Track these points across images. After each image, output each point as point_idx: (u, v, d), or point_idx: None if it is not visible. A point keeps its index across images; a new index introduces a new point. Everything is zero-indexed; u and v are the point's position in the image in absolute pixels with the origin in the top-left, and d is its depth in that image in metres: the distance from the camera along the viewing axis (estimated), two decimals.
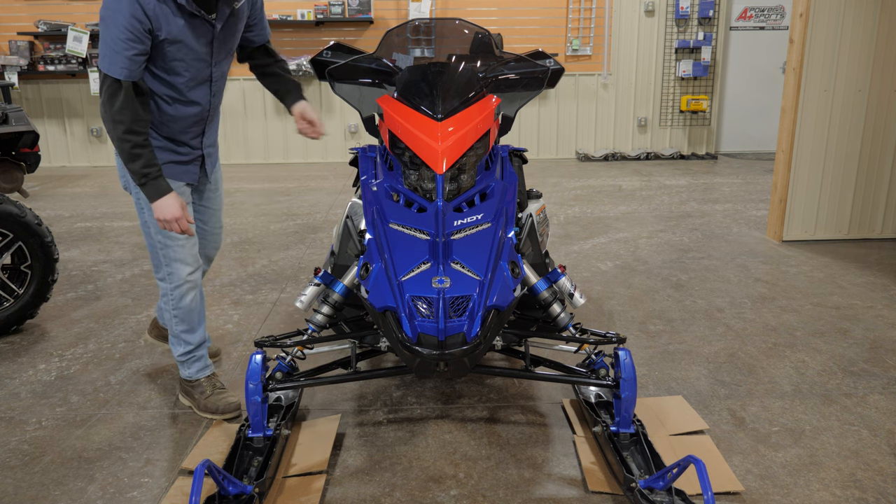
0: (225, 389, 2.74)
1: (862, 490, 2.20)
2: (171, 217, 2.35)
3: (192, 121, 2.50)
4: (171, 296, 2.60)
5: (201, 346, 2.73)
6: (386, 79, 2.76)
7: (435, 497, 2.19)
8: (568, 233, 5.36)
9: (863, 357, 3.15)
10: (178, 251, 2.54)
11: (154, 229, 2.52)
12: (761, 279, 4.22)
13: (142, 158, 2.29)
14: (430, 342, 2.01)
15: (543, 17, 8.63)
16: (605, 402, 2.58)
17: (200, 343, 2.72)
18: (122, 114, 2.24)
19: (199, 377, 2.73)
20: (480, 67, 2.69)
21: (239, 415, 2.67)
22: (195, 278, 2.61)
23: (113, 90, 2.23)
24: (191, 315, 2.64)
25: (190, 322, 2.65)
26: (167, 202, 2.34)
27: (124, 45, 2.18)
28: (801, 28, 4.62)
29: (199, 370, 2.73)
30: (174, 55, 2.31)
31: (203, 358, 2.74)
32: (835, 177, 4.89)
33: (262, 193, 6.94)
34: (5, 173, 3.76)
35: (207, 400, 2.69)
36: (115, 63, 2.20)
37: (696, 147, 9.12)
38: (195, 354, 2.72)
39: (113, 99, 2.23)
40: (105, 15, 2.19)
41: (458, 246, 2.17)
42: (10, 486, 2.28)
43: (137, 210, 2.56)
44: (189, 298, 2.61)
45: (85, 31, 8.06)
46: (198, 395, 2.71)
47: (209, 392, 2.70)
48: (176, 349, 2.71)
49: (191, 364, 2.72)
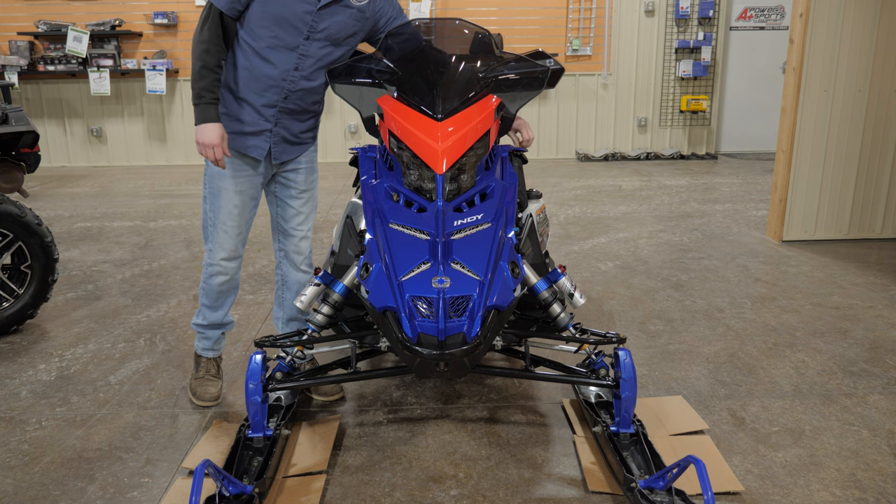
0: (215, 379, 2.81)
1: (862, 490, 2.20)
2: (207, 142, 2.41)
3: (266, 83, 2.49)
4: (205, 271, 2.69)
5: (216, 328, 2.79)
6: (386, 79, 2.75)
7: (435, 497, 2.19)
8: (568, 233, 5.36)
9: (863, 357, 3.15)
10: (220, 233, 2.61)
11: (209, 205, 2.61)
12: (761, 279, 4.22)
13: (205, 80, 2.41)
14: (430, 342, 2.01)
15: (543, 17, 8.63)
16: (605, 402, 2.58)
17: (217, 324, 2.78)
18: (204, 34, 2.40)
19: (203, 355, 2.83)
20: (480, 67, 2.69)
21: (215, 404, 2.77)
22: (228, 266, 2.65)
23: (206, 14, 2.40)
24: (216, 296, 2.72)
25: (213, 301, 2.73)
26: (209, 128, 2.41)
27: None
28: (801, 28, 4.62)
29: (203, 348, 2.82)
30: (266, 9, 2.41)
31: (211, 339, 2.81)
32: (835, 177, 4.89)
33: None
34: (5, 173, 3.75)
35: (195, 381, 2.81)
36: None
37: (696, 147, 9.13)
38: (207, 332, 2.80)
39: (205, 22, 2.40)
40: None
41: (458, 246, 2.17)
42: (10, 486, 2.28)
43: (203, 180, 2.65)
44: (217, 281, 2.67)
45: (85, 31, 8.06)
46: (193, 373, 2.85)
47: (201, 374, 2.81)
48: (196, 317, 2.81)
49: (200, 338, 2.83)
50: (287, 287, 2.82)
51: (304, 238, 2.78)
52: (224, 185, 2.57)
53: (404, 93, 2.53)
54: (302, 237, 2.77)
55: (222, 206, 2.59)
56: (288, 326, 2.88)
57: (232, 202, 2.59)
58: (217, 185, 2.58)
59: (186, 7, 8.43)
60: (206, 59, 2.40)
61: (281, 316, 2.88)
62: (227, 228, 2.61)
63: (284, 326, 2.88)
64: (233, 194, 2.58)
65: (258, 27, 2.43)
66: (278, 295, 2.87)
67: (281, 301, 2.86)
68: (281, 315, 2.88)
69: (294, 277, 2.79)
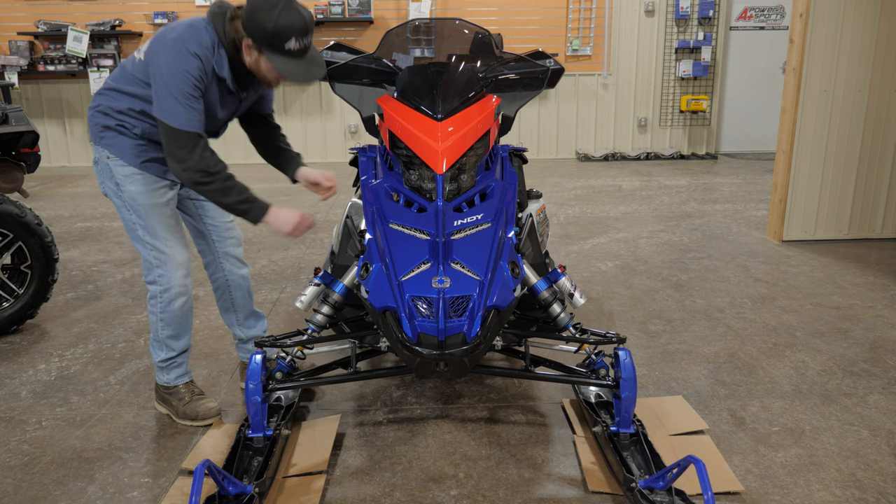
0: (203, 395, 2.69)
1: (862, 490, 2.20)
2: (292, 225, 2.35)
3: None
4: (160, 299, 2.52)
5: (184, 354, 2.67)
6: (386, 79, 2.76)
7: (435, 497, 2.19)
8: (568, 233, 5.36)
9: (863, 357, 3.15)
10: (171, 255, 2.48)
11: (142, 231, 2.46)
12: (761, 279, 4.22)
13: (234, 190, 2.31)
14: (430, 342, 2.01)
15: (543, 17, 8.63)
16: (605, 402, 2.58)
17: (184, 350, 2.66)
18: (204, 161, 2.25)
19: (178, 384, 2.67)
20: (480, 67, 2.69)
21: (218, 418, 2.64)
22: (187, 283, 2.54)
23: (193, 143, 2.24)
24: (179, 321, 2.57)
25: (177, 328, 2.58)
26: (279, 215, 2.35)
27: (195, 101, 2.23)
28: (801, 28, 4.62)
29: (178, 376, 2.67)
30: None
31: (183, 365, 2.68)
32: (835, 177, 4.89)
33: (261, 193, 6.93)
34: (5, 173, 3.75)
35: (186, 406, 2.63)
36: (192, 119, 2.23)
37: (696, 147, 9.13)
38: (176, 361, 2.66)
39: (194, 151, 2.24)
40: (169, 68, 2.19)
41: (458, 246, 2.17)
42: (10, 486, 2.28)
43: (120, 213, 2.50)
44: (179, 304, 2.54)
45: (85, 31, 8.06)
46: (175, 402, 2.65)
47: (188, 398, 2.64)
48: (157, 354, 2.64)
49: (170, 370, 2.66)
50: (234, 286, 2.77)
51: (235, 227, 2.76)
52: (150, 202, 2.45)
53: (404, 93, 2.53)
54: (233, 226, 2.75)
55: (158, 223, 2.46)
56: (247, 324, 2.85)
57: (165, 213, 2.48)
58: (142, 204, 2.44)
59: (186, 7, 8.43)
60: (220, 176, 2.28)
61: (235, 319, 2.83)
62: (171, 242, 2.48)
63: (242, 326, 2.85)
64: (163, 206, 2.48)
65: None
66: (224, 299, 2.80)
67: (231, 304, 2.80)
68: (235, 318, 2.83)
69: (238, 272, 2.76)
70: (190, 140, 2.24)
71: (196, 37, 2.24)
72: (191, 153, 2.24)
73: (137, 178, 2.42)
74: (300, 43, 2.21)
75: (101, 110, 2.41)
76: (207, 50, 2.25)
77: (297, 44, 2.21)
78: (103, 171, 2.46)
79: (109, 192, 2.49)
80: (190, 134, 2.23)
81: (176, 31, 2.25)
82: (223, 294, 2.79)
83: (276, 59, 2.23)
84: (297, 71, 2.26)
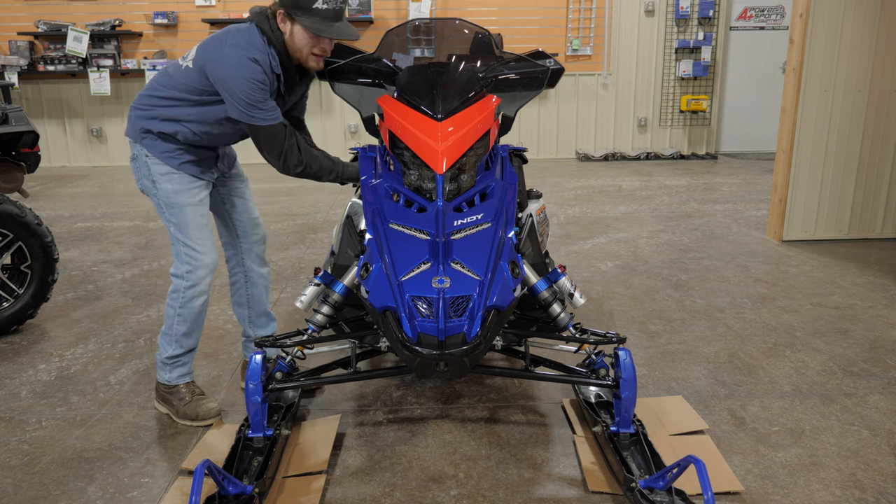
0: (204, 395, 2.70)
1: (862, 490, 2.20)
2: None
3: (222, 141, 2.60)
4: (184, 295, 2.57)
5: (190, 353, 2.70)
6: (386, 79, 2.75)
7: (435, 497, 2.19)
8: (568, 233, 5.36)
9: (863, 357, 3.15)
10: (202, 255, 2.54)
11: (174, 228, 2.53)
12: (761, 279, 4.22)
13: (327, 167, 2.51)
14: (430, 342, 2.01)
15: (543, 17, 8.63)
16: (605, 402, 2.58)
17: (191, 349, 2.68)
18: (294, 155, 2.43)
19: (179, 383, 2.68)
20: (480, 67, 2.69)
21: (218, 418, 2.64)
22: (209, 282, 2.60)
23: (276, 134, 2.38)
24: (195, 319, 2.62)
25: (191, 325, 2.62)
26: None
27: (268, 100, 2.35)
28: (801, 28, 4.62)
29: (180, 375, 2.68)
30: None
31: (187, 364, 2.70)
32: (835, 177, 4.89)
33: (262, 193, 6.94)
34: (5, 173, 3.75)
35: (187, 406, 2.63)
36: (269, 113, 2.35)
37: (696, 147, 9.13)
38: (182, 359, 2.68)
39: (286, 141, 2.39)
40: (236, 78, 2.29)
41: (458, 246, 2.17)
42: (10, 486, 2.28)
43: (158, 211, 2.58)
44: (199, 302, 2.59)
45: (85, 31, 8.05)
46: (176, 402, 2.66)
47: (188, 398, 2.65)
48: (166, 349, 2.65)
49: (174, 368, 2.67)
50: (252, 283, 2.83)
51: (261, 224, 2.85)
52: (184, 201, 2.52)
53: (404, 93, 2.53)
54: (260, 223, 2.84)
55: (191, 222, 2.52)
56: (258, 322, 2.88)
57: (198, 213, 2.55)
58: (177, 203, 2.52)
59: (186, 7, 8.43)
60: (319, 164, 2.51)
61: (247, 314, 2.87)
62: (202, 242, 2.54)
63: (253, 324, 2.89)
64: (196, 205, 2.55)
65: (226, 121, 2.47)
66: (240, 294, 2.85)
67: (245, 300, 2.86)
68: (247, 313, 2.87)
69: (259, 270, 2.83)
70: (279, 133, 2.38)
71: (251, 41, 2.33)
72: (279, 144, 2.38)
73: (174, 177, 2.49)
74: (329, 3, 2.30)
75: (145, 114, 2.48)
76: (263, 53, 2.33)
77: (326, 4, 2.29)
78: (141, 167, 2.54)
79: (146, 188, 2.56)
80: (276, 127, 2.37)
81: (229, 38, 2.34)
82: (239, 289, 2.85)
83: (306, 20, 2.30)
84: (327, 28, 2.33)
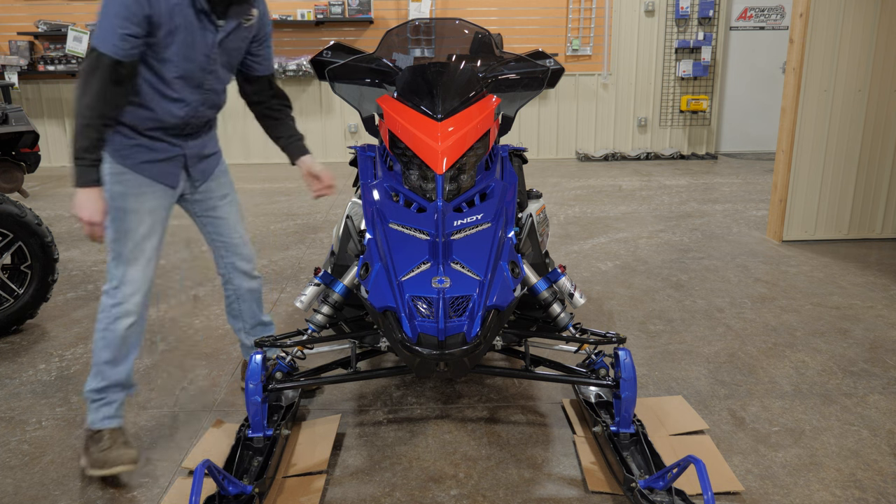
0: (129, 445, 2.29)
1: (862, 490, 2.20)
2: (87, 218, 2.08)
3: (174, 121, 2.25)
4: (107, 313, 2.26)
5: (118, 389, 2.33)
6: (386, 79, 2.76)
7: (435, 497, 2.19)
8: (568, 233, 5.36)
9: (863, 357, 3.15)
10: (130, 264, 2.24)
11: (111, 233, 2.23)
12: (761, 279, 4.22)
13: (88, 139, 2.06)
14: (430, 342, 2.01)
15: (543, 17, 8.63)
16: (605, 402, 2.58)
17: (119, 383, 2.32)
18: (92, 85, 2.05)
19: (103, 427, 2.29)
20: (480, 67, 2.69)
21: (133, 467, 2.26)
22: (137, 304, 2.27)
23: (94, 64, 2.04)
24: (120, 346, 2.27)
25: (115, 352, 2.28)
26: (90, 198, 2.08)
27: (119, 23, 2.01)
28: (801, 28, 4.62)
29: (105, 417, 2.30)
30: (170, 47, 2.13)
31: (115, 403, 2.33)
32: (835, 177, 4.89)
33: (261, 193, 6.94)
34: (5, 173, 3.75)
35: (102, 453, 2.23)
36: (107, 39, 2.02)
37: (696, 147, 9.13)
38: (108, 396, 2.31)
39: (91, 73, 2.04)
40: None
41: (458, 246, 2.17)
42: (10, 486, 2.28)
43: None
44: (123, 325, 2.25)
45: (85, 31, 8.05)
46: (93, 448, 2.25)
47: (107, 445, 2.25)
48: (89, 382, 2.31)
49: (99, 407, 2.30)
50: (242, 299, 2.66)
51: (245, 243, 2.59)
52: (129, 206, 2.22)
53: (404, 93, 2.53)
54: (242, 243, 2.58)
55: (130, 231, 2.22)
56: (253, 332, 2.74)
57: (144, 224, 2.24)
58: (120, 207, 2.21)
59: None
60: (89, 117, 2.05)
61: (242, 326, 2.73)
62: (137, 257, 2.23)
63: (248, 335, 2.75)
64: (143, 213, 2.24)
65: (163, 65, 2.15)
66: (233, 308, 2.69)
67: (238, 313, 2.70)
68: (241, 325, 2.73)
69: (246, 286, 2.63)
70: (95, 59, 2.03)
71: None
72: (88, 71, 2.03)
73: (126, 177, 2.23)
74: None
75: None
76: None
77: None
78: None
79: None
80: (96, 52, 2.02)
81: None
82: (231, 303, 2.70)
83: None
84: None
